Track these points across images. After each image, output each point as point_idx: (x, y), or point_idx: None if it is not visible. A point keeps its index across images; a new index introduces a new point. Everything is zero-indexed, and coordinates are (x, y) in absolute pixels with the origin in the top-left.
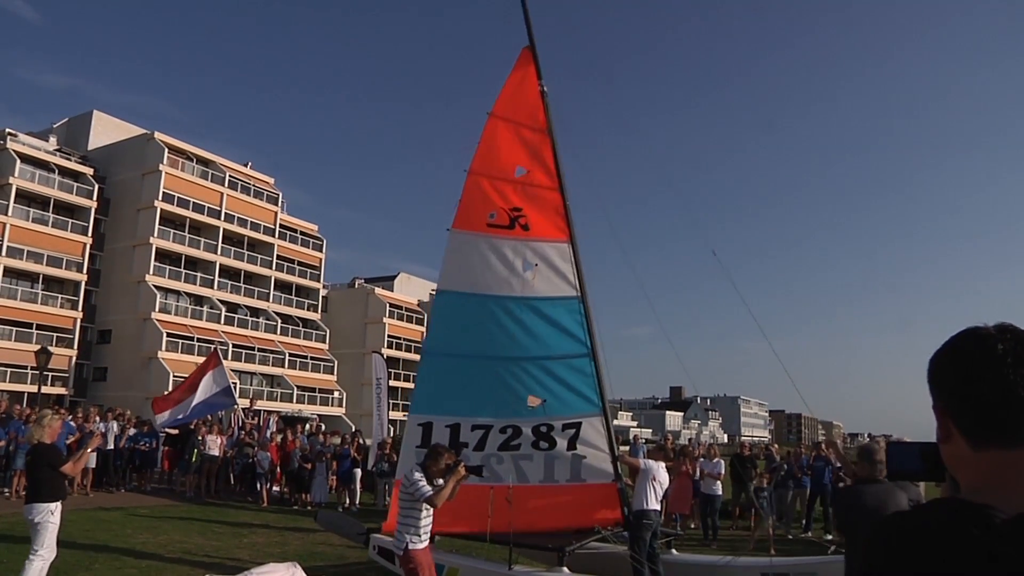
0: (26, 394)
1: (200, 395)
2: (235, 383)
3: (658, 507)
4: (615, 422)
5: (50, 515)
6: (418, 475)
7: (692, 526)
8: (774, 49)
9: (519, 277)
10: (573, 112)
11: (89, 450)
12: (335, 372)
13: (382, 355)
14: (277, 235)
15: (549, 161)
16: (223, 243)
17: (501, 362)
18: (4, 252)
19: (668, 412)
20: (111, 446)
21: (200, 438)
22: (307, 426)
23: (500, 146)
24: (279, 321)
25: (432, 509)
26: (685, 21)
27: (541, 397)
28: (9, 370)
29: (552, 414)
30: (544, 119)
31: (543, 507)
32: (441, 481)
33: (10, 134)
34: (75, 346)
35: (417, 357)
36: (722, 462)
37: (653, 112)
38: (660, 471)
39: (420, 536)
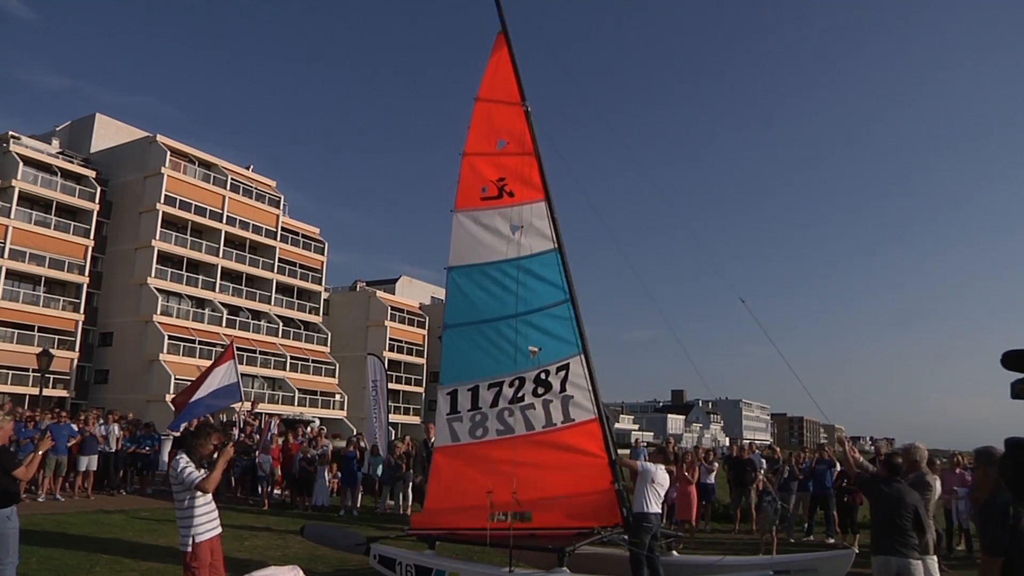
0: (27, 396)
1: (208, 387)
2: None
3: (659, 510)
4: (616, 425)
5: (7, 520)
6: (184, 462)
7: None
8: (771, 42)
9: (510, 241)
10: (570, 114)
11: (40, 452)
12: (336, 375)
13: (379, 357)
14: (279, 238)
15: (524, 128)
16: (225, 246)
17: (504, 321)
18: (6, 254)
19: (669, 415)
20: (112, 448)
21: None
22: (308, 429)
23: (485, 125)
24: (280, 324)
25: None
26: (679, 11)
27: (538, 346)
28: (11, 372)
29: (546, 360)
30: (518, 94)
31: (544, 478)
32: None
33: (13, 137)
34: (77, 348)
35: (419, 360)
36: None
37: (647, 110)
38: (660, 473)
39: (205, 525)
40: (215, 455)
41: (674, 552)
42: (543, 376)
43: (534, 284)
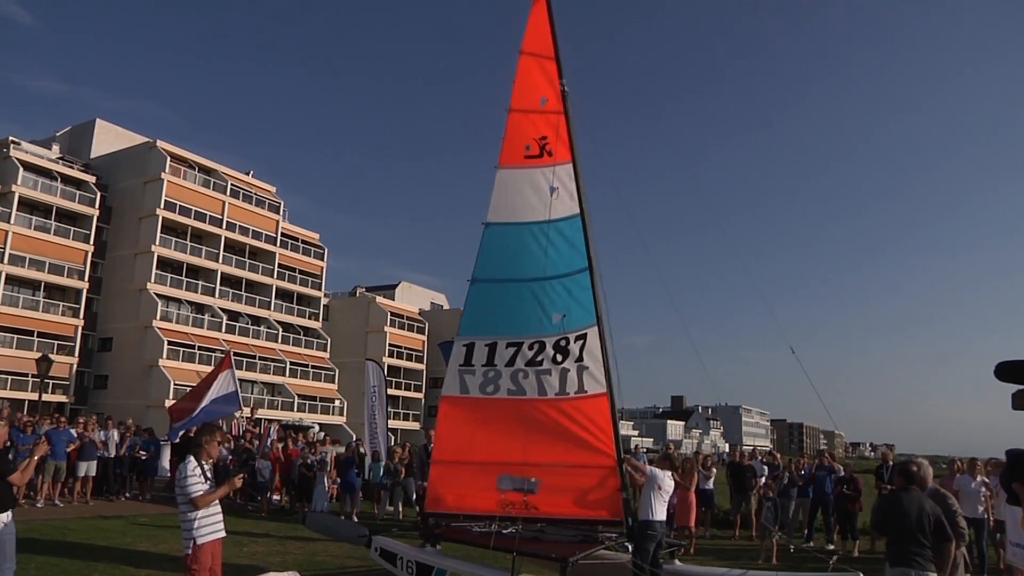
0: (27, 402)
1: (208, 399)
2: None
3: (664, 518)
4: None
5: (3, 526)
6: (191, 467)
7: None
8: (769, 48)
9: (547, 201)
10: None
11: (36, 458)
12: (336, 381)
13: (378, 363)
14: (278, 244)
15: (557, 85)
16: (224, 251)
17: (533, 283)
18: (6, 260)
19: (669, 421)
20: (112, 454)
21: None
22: (303, 435)
23: (528, 81)
24: (280, 329)
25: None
26: (680, 17)
27: (561, 312)
28: (10, 378)
29: (569, 328)
30: (553, 48)
31: (550, 444)
32: (207, 466)
33: (13, 142)
34: (76, 354)
35: (419, 366)
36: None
37: (646, 116)
38: (666, 480)
39: (208, 528)
40: (227, 462)
41: (676, 561)
42: (563, 343)
43: (564, 248)
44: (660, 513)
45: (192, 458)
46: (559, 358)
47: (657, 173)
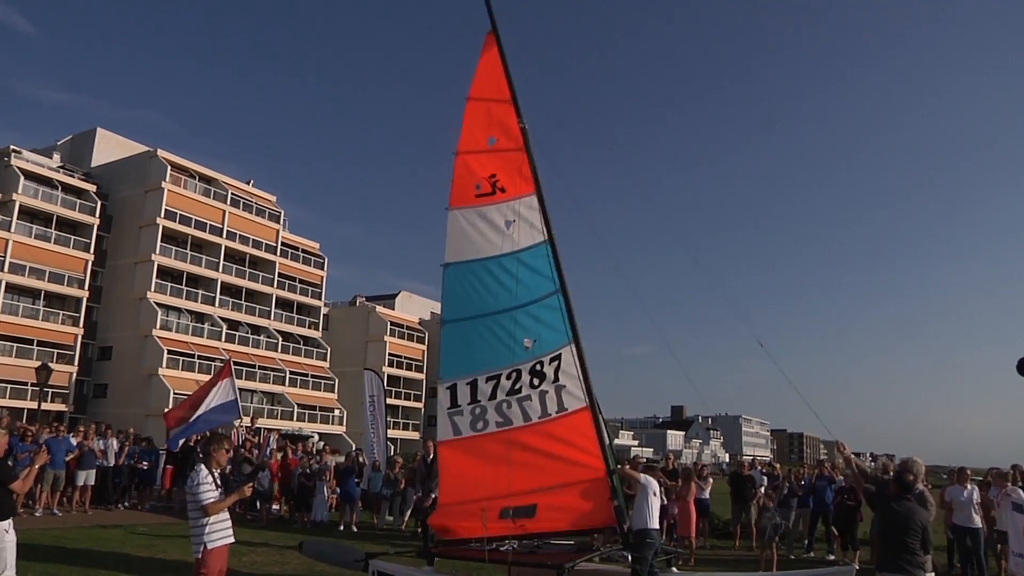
0: (26, 410)
1: (205, 406)
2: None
3: (658, 525)
4: (616, 441)
5: (4, 534)
6: (202, 475)
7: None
8: (771, 48)
9: (504, 235)
10: (564, 127)
11: (36, 466)
12: (336, 390)
13: (377, 372)
14: (279, 253)
15: (513, 125)
16: (224, 260)
17: (501, 315)
18: (6, 268)
19: (669, 431)
20: (111, 463)
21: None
22: (302, 445)
23: (477, 124)
24: (280, 339)
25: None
26: (678, 18)
27: (532, 338)
28: (9, 386)
29: (541, 352)
30: (508, 91)
31: (542, 467)
32: (217, 470)
33: (14, 151)
34: (76, 362)
35: (418, 375)
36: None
37: (644, 124)
38: (658, 487)
39: (218, 533)
40: (228, 469)
41: (674, 568)
42: (538, 367)
43: (528, 277)
44: (656, 520)
45: (203, 466)
46: (536, 382)
47: (655, 181)
